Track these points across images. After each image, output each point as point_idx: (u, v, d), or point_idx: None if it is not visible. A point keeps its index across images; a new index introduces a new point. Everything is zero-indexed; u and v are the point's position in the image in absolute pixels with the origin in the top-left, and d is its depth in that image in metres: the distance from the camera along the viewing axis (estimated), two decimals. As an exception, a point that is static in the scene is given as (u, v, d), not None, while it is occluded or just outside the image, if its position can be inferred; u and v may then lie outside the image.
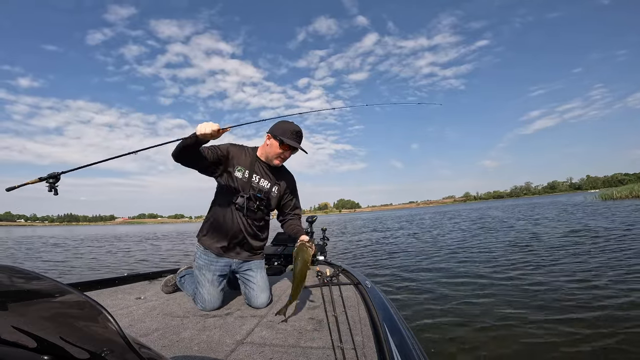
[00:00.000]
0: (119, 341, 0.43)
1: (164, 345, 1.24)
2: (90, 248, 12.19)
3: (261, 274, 1.87)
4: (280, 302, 1.84)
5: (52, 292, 0.45)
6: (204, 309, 1.73)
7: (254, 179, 1.80)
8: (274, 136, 1.76)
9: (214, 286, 1.78)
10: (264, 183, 1.84)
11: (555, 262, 4.68)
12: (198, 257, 1.83)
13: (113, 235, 25.18)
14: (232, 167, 1.77)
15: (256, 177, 1.81)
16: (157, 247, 11.67)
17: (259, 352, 1.16)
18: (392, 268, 5.26)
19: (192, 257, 2.04)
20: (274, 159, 1.80)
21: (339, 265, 2.48)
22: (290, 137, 1.75)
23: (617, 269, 3.98)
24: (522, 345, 2.24)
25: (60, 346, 0.40)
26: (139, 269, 6.80)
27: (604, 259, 4.60)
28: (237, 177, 1.77)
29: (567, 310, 2.77)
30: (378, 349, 1.10)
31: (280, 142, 1.74)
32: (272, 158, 1.80)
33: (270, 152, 1.79)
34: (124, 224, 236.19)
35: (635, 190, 26.11)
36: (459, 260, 5.52)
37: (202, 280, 1.77)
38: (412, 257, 6.17)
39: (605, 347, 2.12)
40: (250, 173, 1.79)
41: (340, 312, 1.51)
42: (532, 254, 5.46)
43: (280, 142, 1.75)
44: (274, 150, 1.78)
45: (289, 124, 1.79)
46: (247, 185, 1.78)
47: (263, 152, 1.84)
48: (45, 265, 7.65)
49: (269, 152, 1.80)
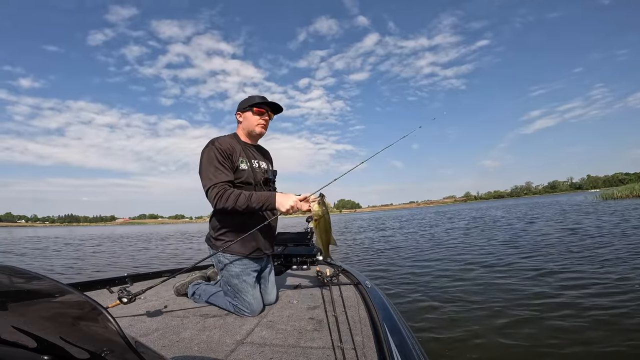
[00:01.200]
0: (119, 341, 0.43)
1: (164, 345, 1.24)
2: (111, 245, 12.20)
3: (272, 269, 1.88)
4: (281, 302, 1.84)
5: (52, 292, 0.45)
6: (252, 314, 1.61)
7: (254, 165, 1.74)
8: (243, 109, 1.74)
9: (256, 289, 1.70)
10: (262, 164, 1.81)
11: (556, 262, 4.68)
12: (231, 266, 1.66)
13: (118, 234, 25.20)
14: (236, 162, 1.67)
15: (254, 161, 1.75)
16: (166, 246, 11.68)
17: (259, 352, 1.16)
18: (392, 268, 5.26)
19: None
20: (256, 128, 1.75)
21: (339, 265, 2.48)
22: (259, 101, 1.73)
23: (621, 265, 3.98)
24: (522, 345, 2.23)
25: (60, 346, 0.40)
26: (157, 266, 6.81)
27: (606, 258, 4.60)
28: (244, 169, 1.68)
29: (567, 311, 2.77)
30: (378, 349, 1.10)
31: (253, 108, 1.72)
32: (254, 128, 1.75)
33: (249, 125, 1.75)
34: (125, 224, 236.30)
35: (636, 190, 26.06)
36: (458, 260, 5.51)
37: (244, 287, 1.63)
38: (411, 257, 6.17)
39: (605, 347, 2.13)
40: (249, 159, 1.72)
41: (340, 312, 1.51)
42: (531, 254, 5.45)
43: (254, 108, 1.72)
44: (252, 120, 1.74)
45: (251, 96, 1.77)
46: (254, 173, 1.71)
47: (243, 131, 1.78)
48: (59, 265, 7.66)
49: (249, 125, 1.75)
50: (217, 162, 1.58)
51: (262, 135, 1.82)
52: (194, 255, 8.97)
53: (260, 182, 1.72)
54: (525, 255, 5.42)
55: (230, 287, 1.66)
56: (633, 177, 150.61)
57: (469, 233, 9.85)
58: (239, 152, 1.68)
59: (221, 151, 1.60)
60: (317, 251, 2.89)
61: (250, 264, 1.70)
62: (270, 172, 1.82)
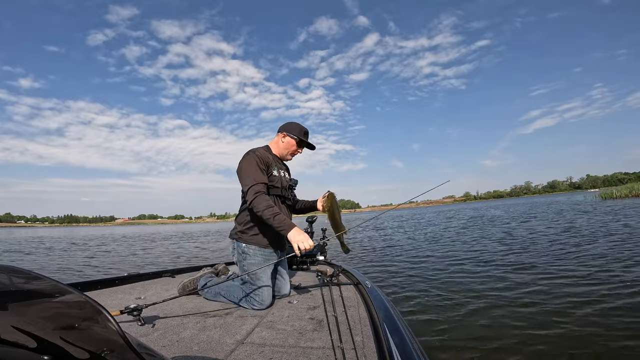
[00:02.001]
0: (119, 341, 0.43)
1: (164, 345, 1.24)
2: (118, 245, 12.19)
3: (286, 263, 2.08)
4: (281, 302, 1.84)
5: (52, 292, 0.45)
6: (261, 306, 1.72)
7: (282, 174, 2.00)
8: (290, 135, 1.98)
9: (270, 282, 1.83)
10: (287, 174, 2.08)
11: (557, 262, 4.68)
12: (253, 256, 1.86)
13: (120, 234, 25.17)
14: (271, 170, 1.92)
15: (282, 171, 2.01)
16: (168, 246, 11.66)
17: (259, 352, 1.16)
18: (391, 267, 5.26)
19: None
20: (287, 155, 2.04)
21: (339, 265, 2.48)
22: (305, 137, 2.00)
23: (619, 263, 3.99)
24: (523, 344, 2.24)
25: (60, 346, 0.40)
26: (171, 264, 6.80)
27: (606, 257, 4.61)
28: (276, 175, 1.94)
29: (567, 312, 2.77)
30: (378, 349, 1.10)
31: (297, 140, 1.98)
32: (287, 154, 2.03)
33: (286, 149, 2.01)
34: (124, 224, 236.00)
35: (635, 189, 26.10)
36: (458, 260, 5.52)
37: (263, 277, 1.78)
38: (411, 257, 6.17)
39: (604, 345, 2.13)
40: (278, 169, 1.98)
41: (340, 312, 1.51)
42: (531, 254, 5.45)
43: (297, 141, 1.99)
44: (291, 147, 2.00)
45: (299, 125, 2.02)
46: (282, 180, 1.98)
47: (277, 149, 2.03)
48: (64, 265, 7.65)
49: (285, 149, 2.01)
50: (257, 166, 1.82)
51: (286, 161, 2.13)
52: (195, 255, 8.97)
53: (286, 187, 1.99)
54: (527, 255, 5.43)
55: (249, 276, 1.80)
56: (632, 176, 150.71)
57: (468, 233, 9.86)
58: (273, 162, 1.95)
59: (260, 159, 1.85)
60: (317, 251, 2.89)
61: (271, 255, 1.91)
62: (293, 181, 2.11)
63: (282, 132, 2.00)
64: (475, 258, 5.53)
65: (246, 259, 1.86)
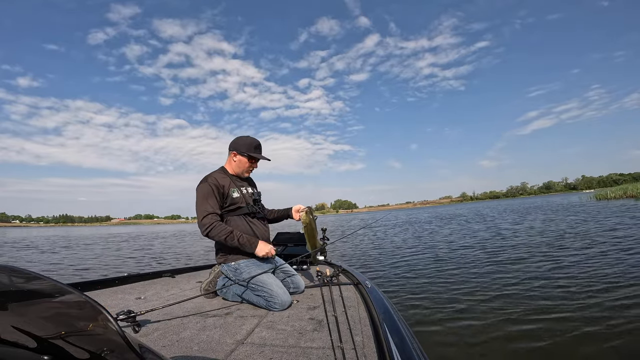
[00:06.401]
0: (119, 341, 0.42)
1: (164, 345, 1.23)
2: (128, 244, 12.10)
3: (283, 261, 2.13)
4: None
5: (52, 292, 0.45)
6: (283, 308, 1.69)
7: (243, 191, 2.03)
8: (240, 153, 1.99)
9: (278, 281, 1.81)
10: (249, 189, 2.09)
11: (557, 262, 4.71)
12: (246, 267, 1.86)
13: (115, 233, 25.00)
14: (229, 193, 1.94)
15: (242, 188, 2.04)
16: (169, 246, 11.61)
17: (259, 352, 1.15)
18: (391, 268, 5.27)
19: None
20: (244, 173, 2.06)
21: (339, 265, 2.48)
22: (256, 152, 2.02)
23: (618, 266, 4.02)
24: (523, 344, 2.25)
25: (60, 346, 0.40)
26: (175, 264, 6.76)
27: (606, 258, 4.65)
28: (237, 196, 1.96)
29: (565, 310, 2.79)
30: (378, 349, 1.10)
31: (248, 157, 2.00)
32: (242, 172, 2.05)
33: (239, 167, 2.03)
34: (120, 224, 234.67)
35: (629, 190, 26.37)
36: (457, 260, 5.54)
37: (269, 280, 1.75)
38: (410, 257, 6.18)
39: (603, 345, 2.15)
40: (239, 188, 2.01)
41: (340, 312, 1.50)
42: (532, 255, 5.49)
43: (248, 157, 2.00)
44: (244, 165, 2.02)
45: (249, 139, 2.02)
46: (244, 197, 2.00)
47: (232, 169, 2.05)
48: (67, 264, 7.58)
49: (239, 167, 2.03)
50: (210, 197, 1.84)
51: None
52: (196, 255, 8.93)
53: (250, 202, 2.01)
54: (527, 255, 5.46)
55: (255, 285, 1.77)
56: (627, 177, 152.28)
57: (466, 232, 9.90)
58: (229, 185, 1.96)
59: (214, 186, 1.87)
60: (318, 251, 2.89)
61: (263, 260, 1.93)
62: (256, 194, 2.13)
63: (232, 151, 2.01)
64: (475, 258, 5.55)
65: (242, 274, 1.84)
